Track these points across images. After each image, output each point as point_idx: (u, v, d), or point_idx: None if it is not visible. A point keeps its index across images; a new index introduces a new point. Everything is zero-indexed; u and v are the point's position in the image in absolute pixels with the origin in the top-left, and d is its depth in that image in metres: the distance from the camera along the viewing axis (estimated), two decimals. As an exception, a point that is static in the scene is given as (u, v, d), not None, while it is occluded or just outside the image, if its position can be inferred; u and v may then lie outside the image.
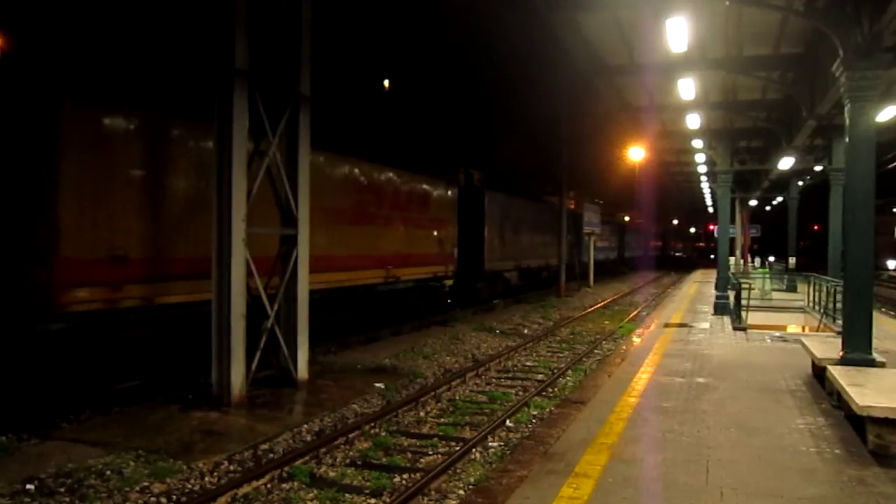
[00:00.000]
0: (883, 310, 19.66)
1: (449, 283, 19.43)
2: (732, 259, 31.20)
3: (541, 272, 28.51)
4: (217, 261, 8.68)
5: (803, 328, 17.11)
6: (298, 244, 9.84)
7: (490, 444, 7.74)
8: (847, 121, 8.00)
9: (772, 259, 39.13)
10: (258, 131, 9.26)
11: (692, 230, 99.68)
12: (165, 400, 8.75)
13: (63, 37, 13.37)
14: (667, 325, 15.48)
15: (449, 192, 19.35)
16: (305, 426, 8.14)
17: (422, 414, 9.11)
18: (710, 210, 54.17)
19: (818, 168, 20.89)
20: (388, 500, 6.06)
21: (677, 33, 10.00)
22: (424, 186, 17.70)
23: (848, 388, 6.54)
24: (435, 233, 18.12)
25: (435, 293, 18.76)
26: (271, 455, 7.15)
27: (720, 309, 17.57)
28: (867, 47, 7.64)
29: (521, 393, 10.39)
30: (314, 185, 10.52)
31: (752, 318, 15.90)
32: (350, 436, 7.72)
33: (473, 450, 7.42)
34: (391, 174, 15.92)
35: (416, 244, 16.96)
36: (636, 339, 13.93)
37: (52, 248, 8.09)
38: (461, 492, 6.25)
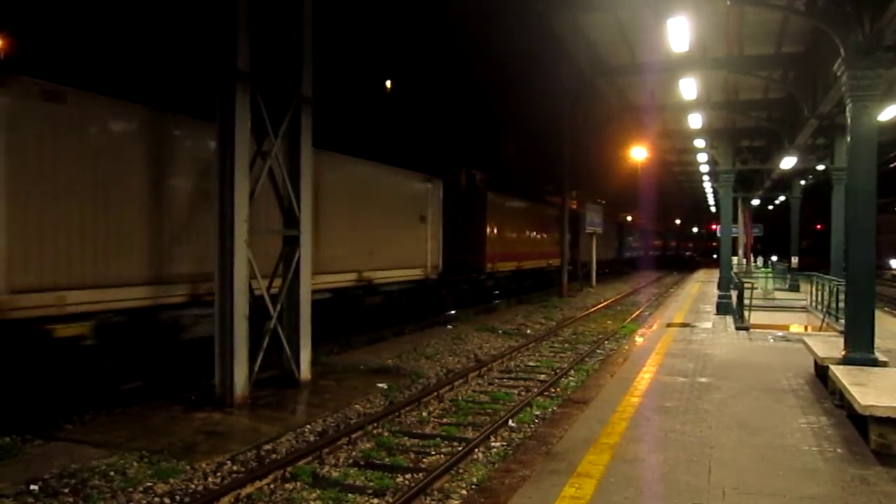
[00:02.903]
0: (886, 309, 19.59)
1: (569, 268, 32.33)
2: (735, 258, 31.19)
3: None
4: (219, 261, 8.69)
5: (806, 328, 17.11)
6: (301, 245, 9.85)
7: (492, 444, 7.75)
8: (849, 120, 8.00)
9: (774, 258, 39.11)
10: (260, 132, 9.28)
11: (695, 230, 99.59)
12: (168, 401, 8.76)
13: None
14: (669, 325, 15.47)
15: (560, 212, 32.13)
16: (308, 426, 8.16)
17: (424, 414, 9.12)
18: (713, 209, 54.24)
19: (820, 167, 20.89)
20: (390, 499, 6.07)
21: (678, 33, 9.99)
22: (551, 211, 30.47)
23: (850, 388, 6.54)
24: (556, 238, 29.95)
25: (559, 273, 30.62)
26: (274, 455, 7.17)
27: (723, 308, 17.53)
28: (868, 46, 7.64)
29: (523, 393, 10.39)
30: (520, 218, 26.12)
31: (755, 317, 15.91)
32: (353, 436, 7.73)
33: (476, 450, 7.43)
34: (541, 205, 30.12)
35: (550, 245, 29.73)
36: (638, 339, 13.93)
37: (482, 248, 21.50)
38: (464, 491, 6.25)
